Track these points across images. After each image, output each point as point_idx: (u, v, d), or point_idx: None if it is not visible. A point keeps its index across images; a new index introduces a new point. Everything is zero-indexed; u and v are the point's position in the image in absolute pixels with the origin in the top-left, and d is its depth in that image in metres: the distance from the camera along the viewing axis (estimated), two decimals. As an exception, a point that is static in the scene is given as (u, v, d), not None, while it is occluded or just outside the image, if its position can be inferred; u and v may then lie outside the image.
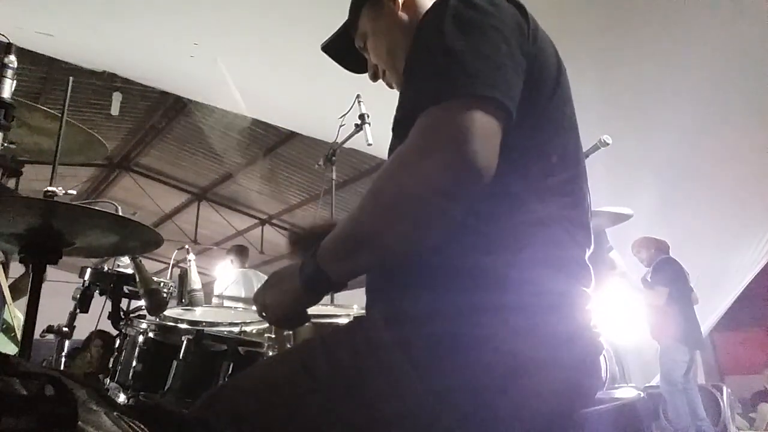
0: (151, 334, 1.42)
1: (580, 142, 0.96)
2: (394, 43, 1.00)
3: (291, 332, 1.47)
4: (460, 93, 0.72)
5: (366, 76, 1.14)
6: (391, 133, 0.90)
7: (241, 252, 5.18)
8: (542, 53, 0.85)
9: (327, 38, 1.19)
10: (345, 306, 1.68)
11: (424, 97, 0.74)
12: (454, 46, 0.75)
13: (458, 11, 0.79)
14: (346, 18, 1.12)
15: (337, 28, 1.17)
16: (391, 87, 1.07)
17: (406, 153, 0.74)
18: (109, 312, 1.63)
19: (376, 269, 0.90)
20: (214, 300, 4.67)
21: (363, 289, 0.93)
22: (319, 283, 0.81)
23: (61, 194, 1.42)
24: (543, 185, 0.83)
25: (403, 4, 1.02)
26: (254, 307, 0.93)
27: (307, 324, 1.44)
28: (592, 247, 0.89)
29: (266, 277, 0.93)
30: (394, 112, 0.85)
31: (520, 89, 0.78)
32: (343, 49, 1.16)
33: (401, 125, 0.78)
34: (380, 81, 1.10)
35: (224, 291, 4.76)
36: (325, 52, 1.20)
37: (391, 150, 0.89)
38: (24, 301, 1.36)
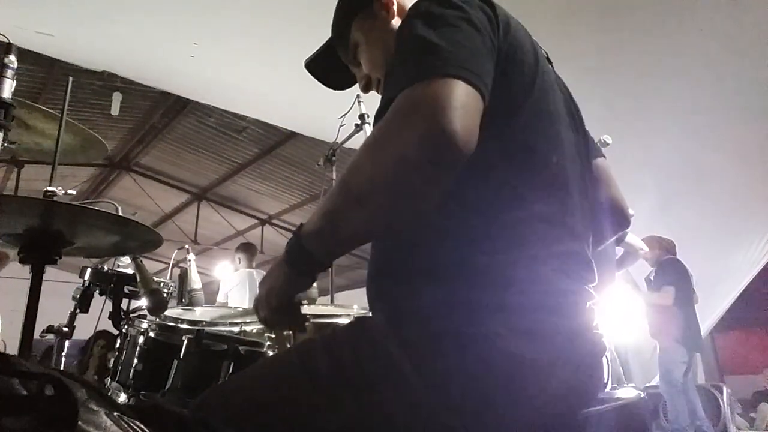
0: (151, 334, 1.42)
1: (582, 135, 0.96)
2: (390, 51, 1.00)
3: (291, 332, 1.47)
4: (433, 73, 0.72)
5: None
6: None
7: (248, 250, 5.22)
8: (515, 47, 0.86)
9: (310, 55, 1.19)
10: (345, 306, 1.68)
11: (399, 82, 0.74)
12: (425, 36, 0.76)
13: (428, 9, 0.81)
14: (331, 33, 1.12)
15: (322, 44, 1.17)
16: None
17: (380, 129, 0.74)
18: (110, 312, 1.63)
19: (377, 269, 0.90)
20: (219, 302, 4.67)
21: (363, 289, 0.93)
22: (304, 263, 0.81)
23: (60, 194, 1.42)
24: (541, 180, 0.83)
25: (396, 12, 1.02)
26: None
27: (306, 324, 1.44)
28: (594, 241, 0.89)
29: None
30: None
31: (491, 76, 0.78)
32: (326, 65, 1.17)
33: (380, 115, 0.78)
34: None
35: (229, 292, 4.78)
36: (308, 70, 1.20)
37: None
38: (21, 301, 1.36)
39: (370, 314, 0.93)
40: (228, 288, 4.82)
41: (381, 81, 1.05)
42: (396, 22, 1.02)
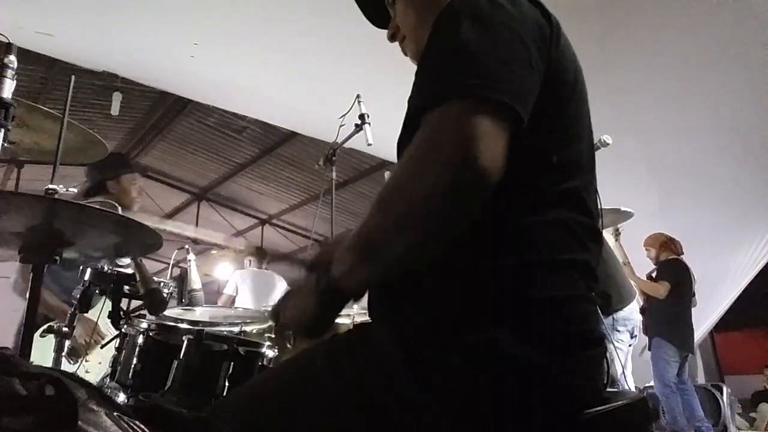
0: (151, 334, 1.42)
1: (593, 147, 0.96)
2: (423, 17, 0.97)
3: (291, 332, 1.47)
4: (467, 94, 0.70)
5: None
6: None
7: (259, 254, 5.37)
8: (562, 58, 0.84)
9: None
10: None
11: (432, 96, 0.73)
12: (468, 45, 0.73)
13: (477, 9, 0.77)
14: None
15: None
16: (405, 54, 1.06)
17: (410, 159, 0.72)
18: (109, 311, 1.63)
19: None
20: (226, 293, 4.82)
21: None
22: (335, 299, 0.79)
23: (62, 192, 1.42)
24: (556, 190, 0.81)
25: None
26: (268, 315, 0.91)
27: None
28: (600, 251, 0.88)
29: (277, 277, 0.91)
30: (407, 102, 0.82)
31: (534, 94, 0.76)
32: None
33: (410, 119, 0.76)
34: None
35: (239, 285, 4.88)
36: None
37: (400, 143, 0.87)
38: (21, 301, 1.35)
39: (369, 319, 0.93)
40: (238, 282, 4.92)
41: (407, 39, 1.04)
42: None
